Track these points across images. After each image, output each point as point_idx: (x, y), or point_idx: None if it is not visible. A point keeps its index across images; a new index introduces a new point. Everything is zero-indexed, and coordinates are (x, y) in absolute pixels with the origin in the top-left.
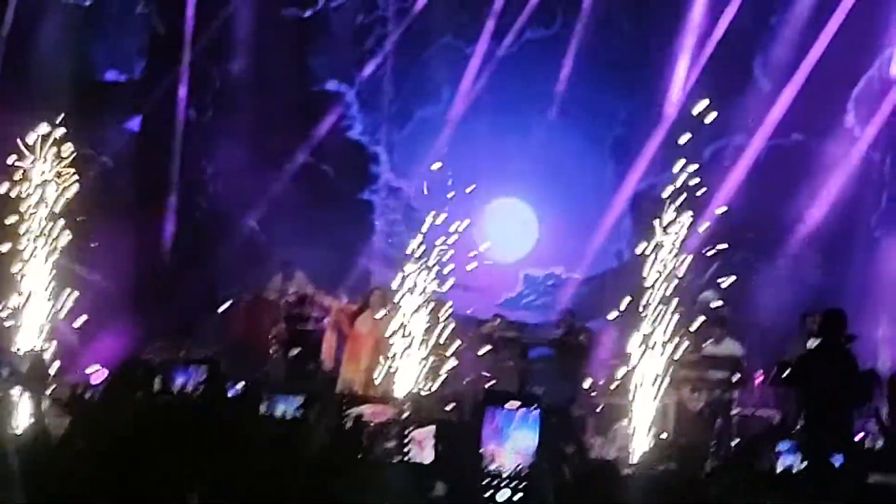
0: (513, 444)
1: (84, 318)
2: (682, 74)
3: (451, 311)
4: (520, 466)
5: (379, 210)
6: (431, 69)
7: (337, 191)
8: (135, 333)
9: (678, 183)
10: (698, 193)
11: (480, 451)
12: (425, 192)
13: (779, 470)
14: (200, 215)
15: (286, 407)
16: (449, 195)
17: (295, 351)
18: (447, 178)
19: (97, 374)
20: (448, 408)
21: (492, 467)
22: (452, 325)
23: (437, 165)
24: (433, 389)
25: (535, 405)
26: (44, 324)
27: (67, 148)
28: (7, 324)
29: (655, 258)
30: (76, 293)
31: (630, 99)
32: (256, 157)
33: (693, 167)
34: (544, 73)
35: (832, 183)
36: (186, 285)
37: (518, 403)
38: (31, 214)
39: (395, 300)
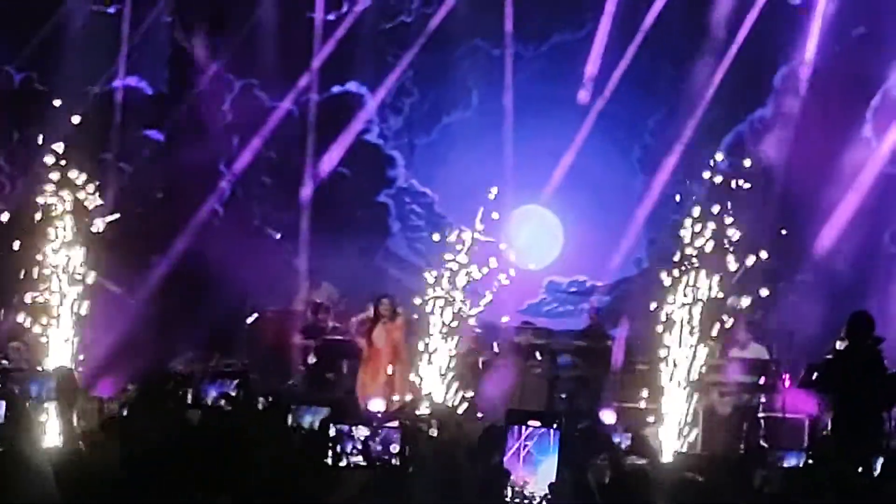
0: (540, 469)
1: (110, 331)
2: (702, 84)
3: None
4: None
5: (395, 213)
6: (458, 74)
7: (356, 194)
8: (163, 346)
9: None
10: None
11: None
12: None
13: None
14: (223, 224)
15: (312, 418)
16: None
17: (312, 360)
18: (472, 184)
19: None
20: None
21: (526, 492)
22: (479, 332)
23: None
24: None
25: (555, 425)
26: (71, 339)
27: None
28: (35, 340)
29: (681, 265)
30: (102, 306)
31: (658, 108)
32: (280, 163)
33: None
34: (573, 78)
35: (850, 196)
36: (214, 297)
37: (538, 423)
38: (55, 227)
39: (416, 304)
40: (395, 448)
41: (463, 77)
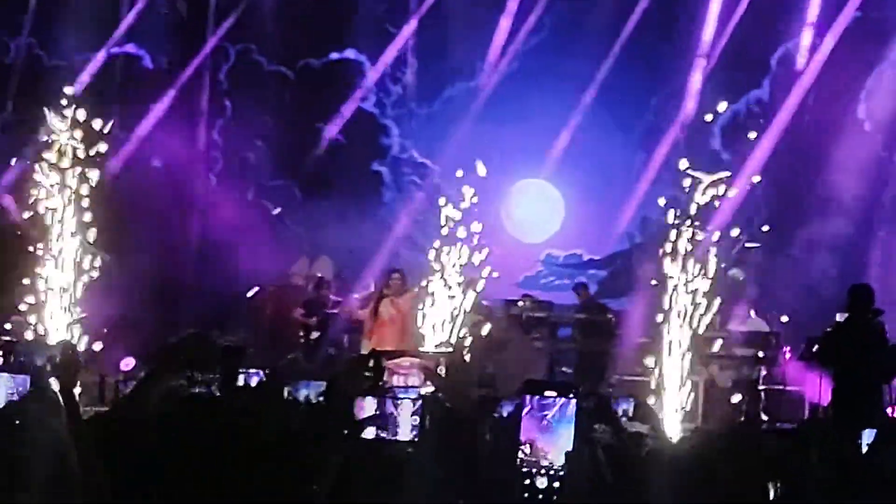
0: (560, 439)
1: (108, 305)
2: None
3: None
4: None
5: (391, 183)
6: (460, 46)
7: (351, 162)
8: (163, 321)
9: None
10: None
11: (521, 443)
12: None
13: None
14: (217, 197)
15: (308, 392)
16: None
17: (315, 335)
18: (472, 156)
19: (128, 365)
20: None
21: (544, 463)
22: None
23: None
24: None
25: (571, 394)
26: (72, 314)
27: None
28: (35, 315)
29: (680, 236)
30: (103, 281)
31: (660, 87)
32: (277, 134)
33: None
34: (577, 53)
35: (843, 176)
36: (212, 270)
37: (555, 393)
38: (54, 200)
39: (423, 282)
40: (403, 417)
41: (464, 49)
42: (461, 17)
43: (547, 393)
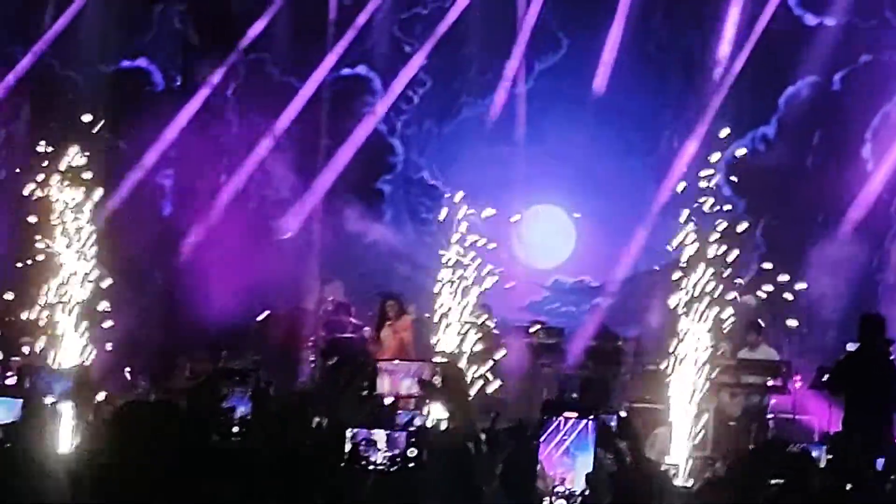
0: (578, 462)
1: (119, 329)
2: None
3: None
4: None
5: (403, 206)
6: (473, 69)
7: (355, 181)
8: (172, 344)
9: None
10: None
11: (540, 467)
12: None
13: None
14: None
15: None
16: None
17: (332, 360)
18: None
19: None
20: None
21: (560, 489)
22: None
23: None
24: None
25: (592, 415)
26: (83, 338)
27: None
28: (45, 340)
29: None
30: (112, 305)
31: (674, 116)
32: (284, 151)
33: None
34: (587, 77)
35: (846, 217)
36: (221, 292)
37: (575, 414)
38: (62, 222)
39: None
40: (411, 451)
41: (478, 72)
42: (476, 36)
43: (567, 414)
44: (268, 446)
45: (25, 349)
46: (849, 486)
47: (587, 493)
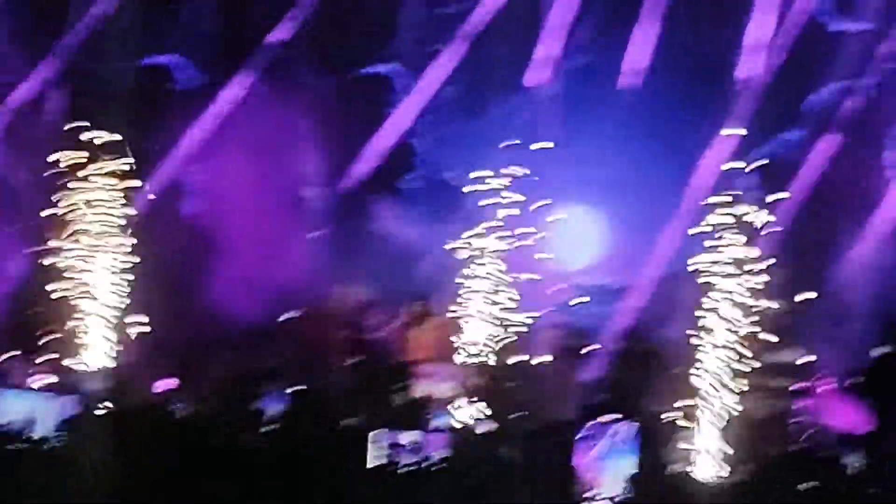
0: (617, 466)
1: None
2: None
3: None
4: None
5: (424, 204)
6: (502, 68)
7: (378, 178)
8: (201, 344)
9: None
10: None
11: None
12: None
13: None
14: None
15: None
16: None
17: (356, 359)
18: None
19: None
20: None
21: (588, 495)
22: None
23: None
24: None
25: (628, 419)
26: (110, 339)
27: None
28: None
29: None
30: (140, 304)
31: (705, 113)
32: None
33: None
34: (617, 77)
35: (874, 219)
36: (250, 293)
37: (613, 417)
38: (87, 222)
39: (453, 307)
40: (442, 453)
41: (506, 71)
42: (504, 35)
43: (602, 419)
44: (297, 446)
45: (52, 349)
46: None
47: (629, 495)
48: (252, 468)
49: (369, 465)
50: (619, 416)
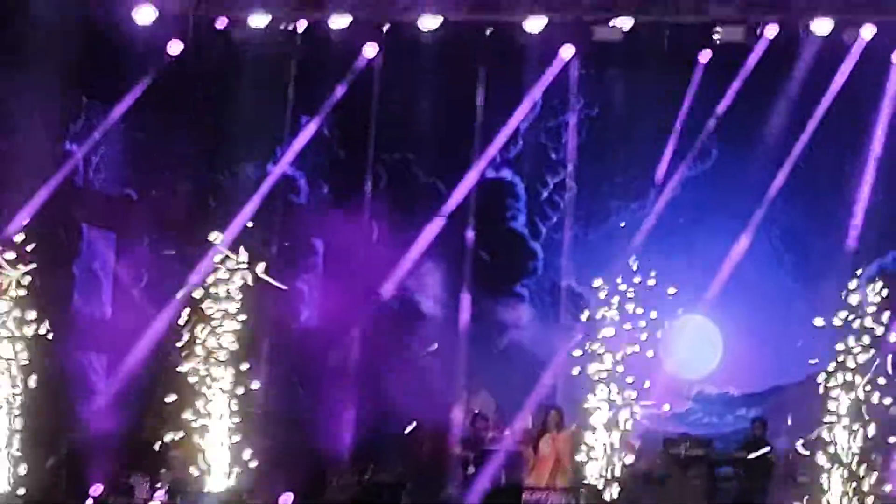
0: None
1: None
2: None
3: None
4: None
5: (530, 304)
6: (624, 169)
7: (494, 278)
8: (319, 455)
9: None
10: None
11: None
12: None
13: None
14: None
15: None
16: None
17: (471, 470)
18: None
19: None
20: None
21: None
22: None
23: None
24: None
25: None
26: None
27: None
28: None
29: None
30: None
31: (821, 223)
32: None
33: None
34: (741, 187)
35: None
36: (368, 406)
37: None
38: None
39: (581, 418)
40: None
41: (627, 179)
42: (625, 143)
43: None
44: None
45: (172, 465)
46: None
47: None
48: None
49: None
50: None
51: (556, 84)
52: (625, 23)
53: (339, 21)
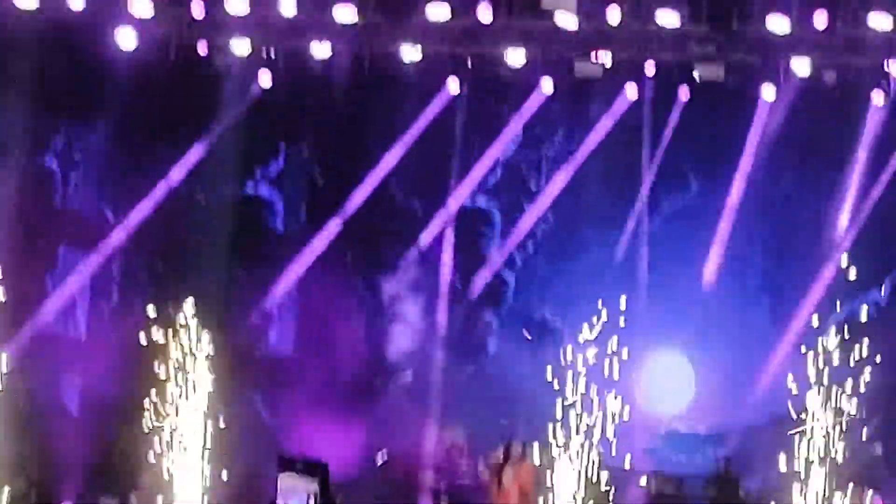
0: None
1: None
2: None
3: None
4: None
5: (500, 337)
6: (601, 208)
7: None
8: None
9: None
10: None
11: None
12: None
13: None
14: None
15: None
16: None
17: (444, 502)
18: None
19: None
20: None
21: None
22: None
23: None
24: None
25: None
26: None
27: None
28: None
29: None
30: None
31: (795, 260)
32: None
33: None
34: (715, 220)
35: None
36: (340, 437)
37: None
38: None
39: (547, 450)
40: None
41: (603, 211)
42: (602, 176)
43: None
44: None
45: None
46: None
47: None
48: None
49: None
50: None
51: (536, 116)
52: (605, 58)
53: (321, 50)
